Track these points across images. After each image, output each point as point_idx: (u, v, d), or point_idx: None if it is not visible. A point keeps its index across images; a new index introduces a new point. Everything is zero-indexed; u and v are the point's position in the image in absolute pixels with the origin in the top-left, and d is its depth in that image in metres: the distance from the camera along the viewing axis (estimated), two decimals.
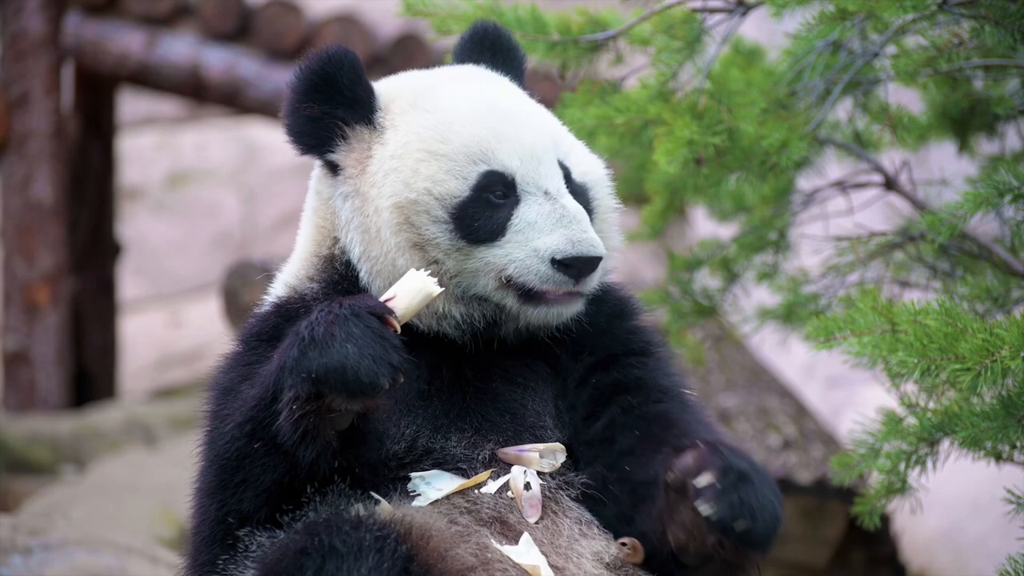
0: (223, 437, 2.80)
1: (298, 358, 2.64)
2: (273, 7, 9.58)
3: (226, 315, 8.01)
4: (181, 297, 14.52)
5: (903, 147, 3.90)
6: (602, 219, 3.04)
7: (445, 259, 2.92)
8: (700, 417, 2.98)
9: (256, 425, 2.73)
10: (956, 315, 3.17)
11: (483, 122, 2.96)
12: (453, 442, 2.89)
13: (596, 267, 2.89)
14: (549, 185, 2.94)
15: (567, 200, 2.92)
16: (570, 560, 2.80)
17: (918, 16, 3.60)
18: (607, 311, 3.06)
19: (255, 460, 2.75)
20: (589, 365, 3.01)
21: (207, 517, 2.83)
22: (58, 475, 7.98)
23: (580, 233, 2.87)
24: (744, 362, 6.47)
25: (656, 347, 3.08)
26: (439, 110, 2.98)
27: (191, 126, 15.16)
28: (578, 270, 2.87)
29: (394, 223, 2.92)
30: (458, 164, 2.93)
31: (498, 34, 3.20)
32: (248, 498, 2.77)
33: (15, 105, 9.69)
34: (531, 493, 2.84)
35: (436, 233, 2.91)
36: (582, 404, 2.98)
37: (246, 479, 2.76)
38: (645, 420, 2.93)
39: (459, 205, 2.91)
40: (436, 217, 2.91)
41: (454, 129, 2.95)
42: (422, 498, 2.83)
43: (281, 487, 2.76)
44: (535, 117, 3.04)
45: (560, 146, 3.01)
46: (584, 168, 3.04)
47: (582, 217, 2.90)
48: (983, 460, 3.51)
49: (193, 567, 2.88)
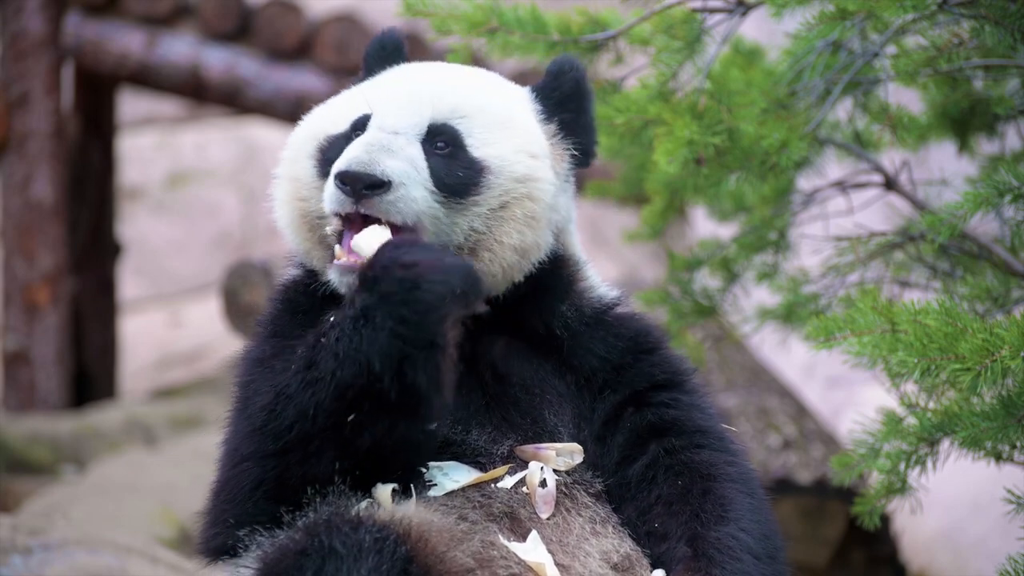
0: (275, 412, 2.75)
1: (433, 296, 2.69)
2: (273, 7, 9.57)
3: (226, 315, 8.01)
4: (181, 297, 14.52)
5: (903, 147, 3.90)
6: (493, 211, 2.93)
7: (309, 197, 2.96)
8: (740, 470, 2.94)
9: (346, 401, 2.71)
10: (956, 315, 3.16)
11: (395, 77, 3.04)
12: (474, 435, 2.89)
13: (372, 186, 2.80)
14: (387, 122, 2.92)
15: (384, 134, 2.89)
16: (576, 559, 2.80)
17: (918, 16, 3.60)
18: (622, 346, 3.02)
19: (341, 430, 2.73)
20: (617, 402, 2.98)
21: (250, 477, 2.80)
22: (58, 475, 7.97)
23: (361, 153, 2.83)
24: (744, 362, 6.47)
25: (685, 376, 3.05)
26: (388, 73, 3.09)
27: (191, 126, 15.16)
28: (351, 187, 2.81)
29: (285, 157, 3.03)
30: (350, 108, 3.00)
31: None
32: (324, 462, 2.74)
33: (15, 105, 9.69)
34: (546, 490, 2.85)
35: (304, 166, 2.98)
36: (617, 446, 2.96)
37: (323, 447, 2.73)
38: (688, 470, 2.91)
39: (329, 140, 2.98)
40: (307, 152, 2.99)
41: (374, 83, 3.05)
42: (438, 488, 2.83)
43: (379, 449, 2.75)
44: (454, 84, 3.00)
45: (462, 113, 2.95)
46: (495, 152, 2.95)
47: (376, 143, 2.86)
48: (983, 460, 3.51)
49: (231, 517, 2.84)
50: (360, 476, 2.78)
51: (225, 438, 2.91)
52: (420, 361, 2.71)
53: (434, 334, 2.71)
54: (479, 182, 2.91)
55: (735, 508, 2.87)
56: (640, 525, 2.90)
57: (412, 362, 2.71)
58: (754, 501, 2.90)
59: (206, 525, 2.90)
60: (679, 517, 2.86)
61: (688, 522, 2.85)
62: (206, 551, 2.90)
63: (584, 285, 3.10)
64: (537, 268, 2.99)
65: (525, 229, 2.93)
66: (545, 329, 3.00)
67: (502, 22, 3.78)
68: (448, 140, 2.93)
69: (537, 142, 3.00)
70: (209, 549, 2.89)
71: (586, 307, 3.06)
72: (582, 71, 3.11)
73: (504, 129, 2.97)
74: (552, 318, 3.02)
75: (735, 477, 2.92)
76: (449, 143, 2.93)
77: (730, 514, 2.86)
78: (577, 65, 3.11)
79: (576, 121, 3.09)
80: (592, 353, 3.01)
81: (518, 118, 3.02)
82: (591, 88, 3.13)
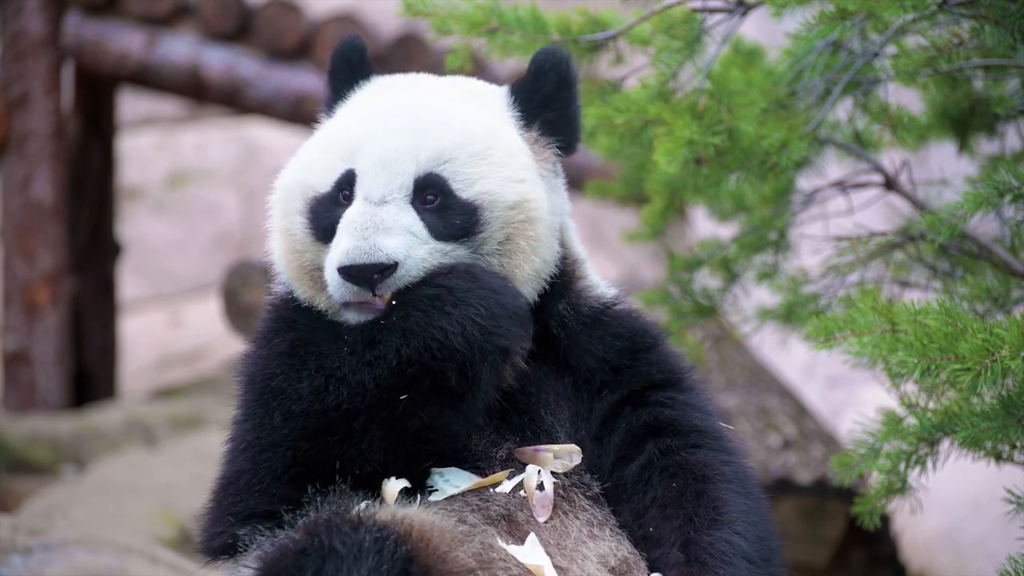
0: (320, 394, 2.78)
1: (514, 308, 2.81)
2: (273, 7, 9.57)
3: (226, 315, 8.01)
4: (181, 297, 14.52)
5: (903, 147, 3.90)
6: (501, 244, 2.92)
7: (304, 251, 2.95)
8: (736, 470, 2.94)
9: (404, 379, 2.76)
10: (956, 315, 3.16)
11: (371, 124, 2.96)
12: (473, 440, 2.89)
13: (381, 273, 2.81)
14: (374, 191, 2.88)
15: (374, 208, 2.86)
16: (574, 562, 2.80)
17: (918, 16, 3.60)
18: (620, 345, 3.02)
19: (391, 409, 2.77)
20: (615, 402, 2.98)
21: (276, 463, 2.81)
22: (58, 475, 7.97)
23: (358, 241, 2.81)
24: (744, 362, 6.47)
25: (682, 374, 3.04)
26: (357, 110, 3.03)
27: (191, 126, 15.16)
28: (361, 278, 2.81)
29: (275, 209, 3.00)
30: (331, 160, 2.96)
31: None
32: (367, 441, 2.77)
33: (15, 105, 9.69)
34: (543, 493, 2.84)
35: (296, 223, 2.96)
36: (614, 447, 2.95)
37: (367, 425, 2.76)
38: (683, 471, 2.91)
39: (317, 199, 2.95)
40: (297, 208, 2.97)
41: (349, 126, 2.98)
42: (438, 493, 2.84)
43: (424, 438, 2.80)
44: (430, 125, 2.94)
45: (443, 158, 2.91)
46: (483, 188, 2.90)
47: (371, 224, 2.83)
48: (983, 460, 3.50)
49: (236, 513, 2.85)
50: (392, 462, 2.80)
51: (236, 434, 2.91)
52: (489, 359, 2.77)
53: (512, 342, 2.80)
54: (477, 221, 2.90)
55: (729, 511, 2.85)
56: (636, 528, 2.89)
57: (481, 357, 2.77)
58: (750, 502, 2.89)
59: (207, 523, 2.90)
60: (673, 521, 2.85)
61: (682, 526, 2.84)
62: (206, 550, 2.90)
63: (582, 284, 3.09)
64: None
65: (533, 257, 2.94)
66: (542, 330, 2.98)
67: (502, 22, 3.78)
68: (436, 191, 2.90)
69: (522, 163, 2.96)
70: (209, 548, 2.89)
71: (583, 306, 3.05)
72: (566, 63, 3.05)
73: (486, 162, 2.93)
74: (549, 318, 3.01)
75: (730, 477, 2.91)
76: (438, 194, 2.90)
77: (724, 517, 2.84)
78: (560, 60, 3.04)
79: (561, 117, 3.06)
80: (590, 353, 3.01)
81: (500, 142, 2.96)
82: (575, 76, 3.08)
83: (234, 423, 2.93)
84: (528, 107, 3.05)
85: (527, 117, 3.05)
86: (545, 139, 3.05)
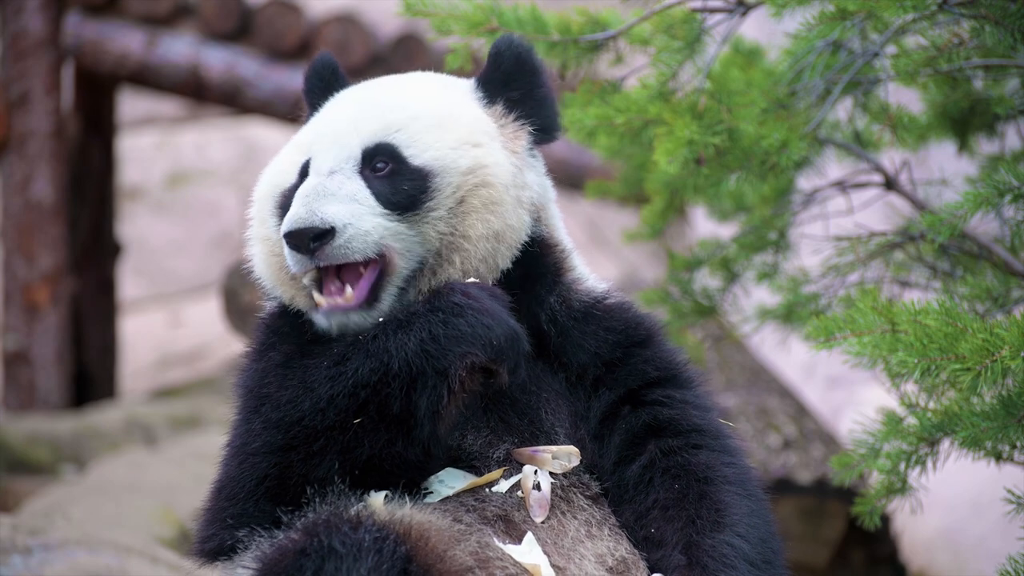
0: (295, 404, 2.78)
1: (470, 329, 2.74)
2: (273, 7, 9.58)
3: (226, 315, 8.01)
4: (181, 297, 14.53)
5: (903, 147, 3.90)
6: (454, 208, 2.93)
7: (280, 252, 2.95)
8: (738, 471, 2.93)
9: (358, 401, 2.74)
10: (956, 315, 3.16)
11: (328, 113, 3.04)
12: (469, 440, 2.89)
13: (320, 240, 2.83)
14: (323, 165, 2.93)
15: (321, 178, 2.89)
16: (572, 561, 2.80)
17: (918, 16, 3.60)
18: (613, 339, 3.01)
19: (345, 433, 2.75)
20: (613, 401, 2.97)
21: (254, 472, 2.81)
22: (58, 475, 7.97)
23: (299, 208, 2.84)
24: (744, 362, 6.46)
25: (679, 369, 3.03)
26: (322, 112, 3.09)
27: (191, 126, 15.16)
28: (302, 244, 2.83)
29: (254, 219, 3.05)
30: (295, 157, 3.02)
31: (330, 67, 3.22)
32: (325, 465, 2.77)
33: (15, 105, 9.69)
34: (540, 494, 2.84)
35: (271, 225, 3.00)
36: (614, 447, 2.95)
37: (326, 448, 2.76)
38: (685, 472, 2.90)
39: (284, 194, 2.99)
40: (270, 210, 3.01)
41: (311, 126, 3.04)
42: (434, 495, 2.84)
43: (376, 460, 2.78)
44: (382, 101, 3.00)
45: (395, 127, 2.95)
46: (436, 154, 2.93)
47: (312, 192, 2.86)
48: (983, 460, 3.50)
49: (230, 517, 2.85)
50: (359, 481, 2.78)
51: (230, 439, 2.91)
52: (428, 383, 2.74)
53: (450, 364, 2.75)
54: (428, 188, 2.91)
55: (731, 513, 2.85)
56: (638, 529, 2.89)
57: (422, 381, 2.74)
58: (752, 503, 2.89)
59: (203, 525, 2.89)
60: (675, 523, 2.85)
61: (683, 528, 2.84)
62: (201, 552, 2.89)
63: (572, 276, 3.08)
64: (522, 253, 2.98)
65: (489, 216, 2.93)
66: (534, 324, 2.97)
67: (502, 22, 3.78)
68: (387, 158, 2.93)
69: (480, 129, 2.99)
70: (205, 550, 2.88)
71: (574, 300, 3.04)
72: (522, 47, 3.08)
73: (440, 129, 2.96)
74: (540, 311, 3.00)
75: (732, 479, 2.90)
76: (388, 160, 2.93)
77: (726, 519, 2.84)
78: (515, 42, 3.08)
79: (528, 96, 3.07)
80: (582, 349, 3.00)
81: (455, 112, 3.00)
82: (538, 63, 3.10)
83: (230, 428, 2.95)
84: (489, 87, 3.08)
85: (489, 96, 3.07)
86: (513, 117, 3.07)
